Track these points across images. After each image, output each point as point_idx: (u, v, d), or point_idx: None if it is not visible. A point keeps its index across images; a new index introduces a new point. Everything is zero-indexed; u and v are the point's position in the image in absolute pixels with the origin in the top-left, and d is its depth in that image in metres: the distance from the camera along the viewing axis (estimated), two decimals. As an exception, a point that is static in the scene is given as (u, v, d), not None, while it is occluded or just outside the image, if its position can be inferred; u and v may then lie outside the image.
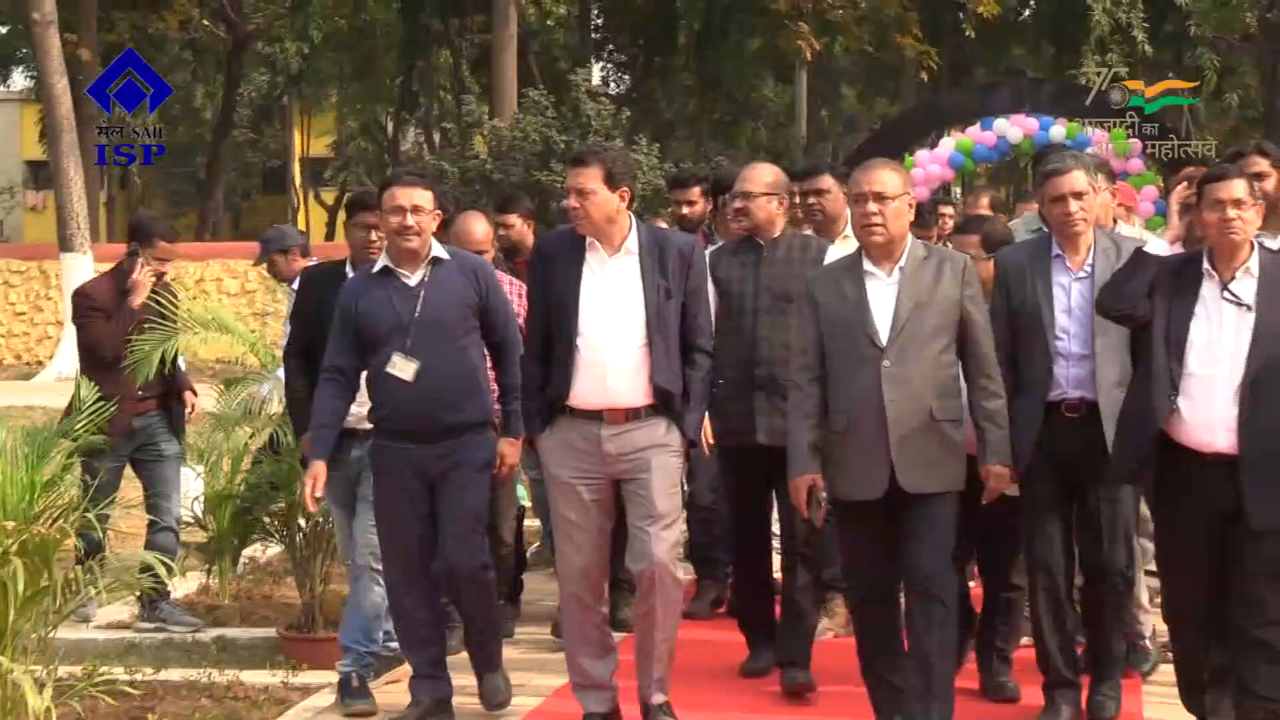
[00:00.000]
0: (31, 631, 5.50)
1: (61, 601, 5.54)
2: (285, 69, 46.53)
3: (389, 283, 6.81)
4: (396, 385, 6.70)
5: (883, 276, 6.37)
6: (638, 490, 6.49)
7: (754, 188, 7.47)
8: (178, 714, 7.31)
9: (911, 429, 6.26)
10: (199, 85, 47.18)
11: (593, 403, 6.46)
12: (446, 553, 6.80)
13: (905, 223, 6.40)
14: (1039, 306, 6.65)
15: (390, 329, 6.73)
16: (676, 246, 6.61)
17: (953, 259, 6.51)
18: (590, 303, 6.47)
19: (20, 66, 47.99)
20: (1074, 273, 6.70)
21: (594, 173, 6.45)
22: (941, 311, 6.33)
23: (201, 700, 7.48)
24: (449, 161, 27.97)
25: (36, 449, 6.15)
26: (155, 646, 8.44)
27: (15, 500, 5.86)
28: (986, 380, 6.41)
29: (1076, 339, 6.64)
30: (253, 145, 52.55)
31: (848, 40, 34.30)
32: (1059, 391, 6.63)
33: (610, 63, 46.65)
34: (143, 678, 7.56)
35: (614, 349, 6.44)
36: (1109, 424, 6.48)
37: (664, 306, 6.48)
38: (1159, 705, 7.05)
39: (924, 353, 6.30)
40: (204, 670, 7.77)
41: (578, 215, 6.50)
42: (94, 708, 6.94)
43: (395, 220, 6.73)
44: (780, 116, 45.49)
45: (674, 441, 6.54)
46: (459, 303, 6.83)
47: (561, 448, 6.53)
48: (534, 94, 28.00)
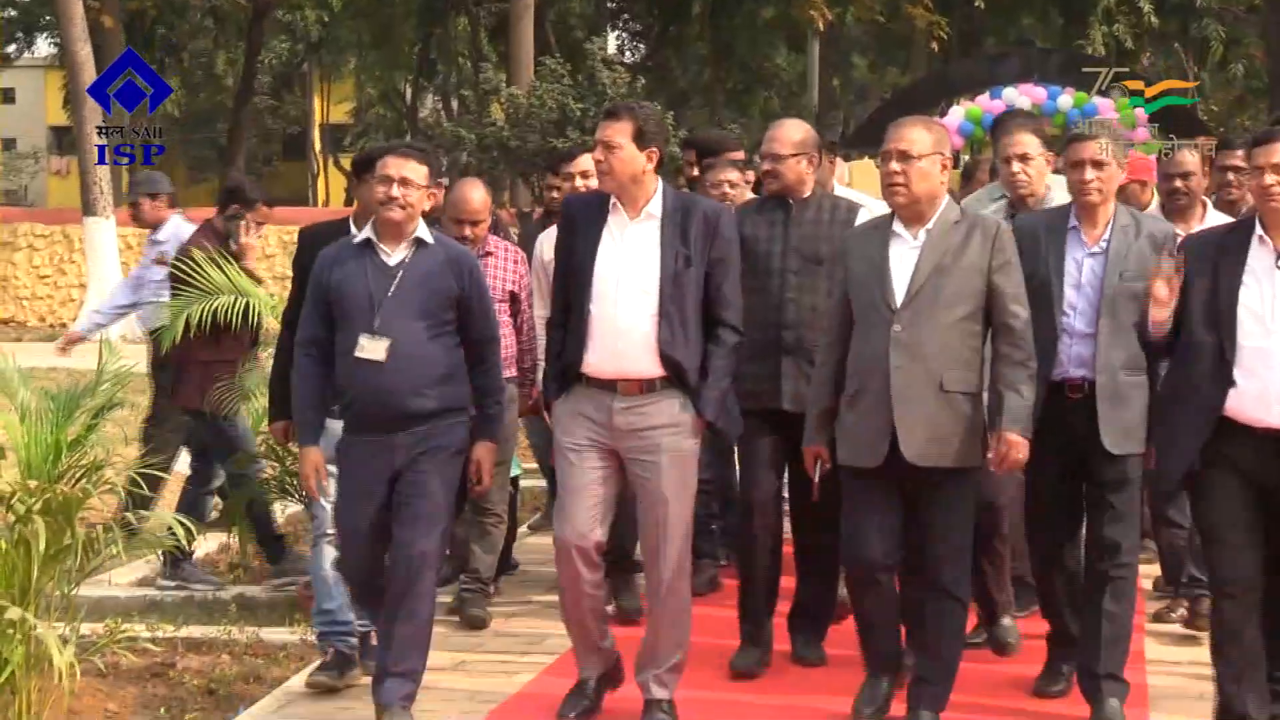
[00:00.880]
0: (55, 589, 5.49)
1: (84, 560, 5.53)
2: (305, 36, 46.53)
3: (367, 257, 6.27)
4: (364, 370, 6.13)
5: (908, 238, 6.04)
6: (646, 476, 6.14)
7: (783, 149, 6.98)
8: (198, 670, 7.32)
9: (918, 398, 5.91)
10: (220, 52, 47.22)
11: (606, 371, 6.10)
12: (399, 541, 6.19)
13: (934, 183, 6.02)
14: (1049, 278, 6.28)
15: (359, 306, 6.18)
16: (703, 212, 6.19)
17: (985, 225, 6.10)
18: (605, 267, 6.12)
19: (44, 34, 47.94)
20: (1088, 247, 6.31)
21: (624, 127, 6.10)
22: (964, 278, 5.96)
23: (222, 657, 7.49)
24: (466, 128, 27.95)
25: (60, 409, 6.13)
26: (176, 604, 8.45)
27: (39, 460, 5.85)
28: (1011, 348, 5.99)
29: (1083, 316, 6.27)
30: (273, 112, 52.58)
31: (859, 10, 34.17)
32: (1060, 370, 6.26)
33: (625, 32, 46.61)
34: (164, 635, 7.56)
35: (626, 316, 6.08)
36: (1103, 405, 6.16)
37: (681, 275, 6.08)
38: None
39: (939, 319, 5.93)
40: (224, 628, 7.78)
41: (601, 169, 6.17)
42: (116, 664, 6.95)
43: (382, 190, 6.21)
44: (793, 85, 45.39)
45: (687, 422, 6.12)
46: (437, 290, 6.26)
47: (572, 416, 6.19)
48: (550, 62, 27.95)
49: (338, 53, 49.57)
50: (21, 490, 5.38)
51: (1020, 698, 6.56)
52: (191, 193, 49.60)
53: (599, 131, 6.18)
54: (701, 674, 6.67)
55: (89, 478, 5.70)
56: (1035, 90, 20.66)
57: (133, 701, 6.94)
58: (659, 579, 6.19)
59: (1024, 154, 7.06)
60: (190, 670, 7.30)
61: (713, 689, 6.69)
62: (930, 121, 6.28)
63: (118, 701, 6.91)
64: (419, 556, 6.15)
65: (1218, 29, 34.27)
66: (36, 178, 51.75)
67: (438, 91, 50.70)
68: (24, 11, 45.35)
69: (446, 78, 47.09)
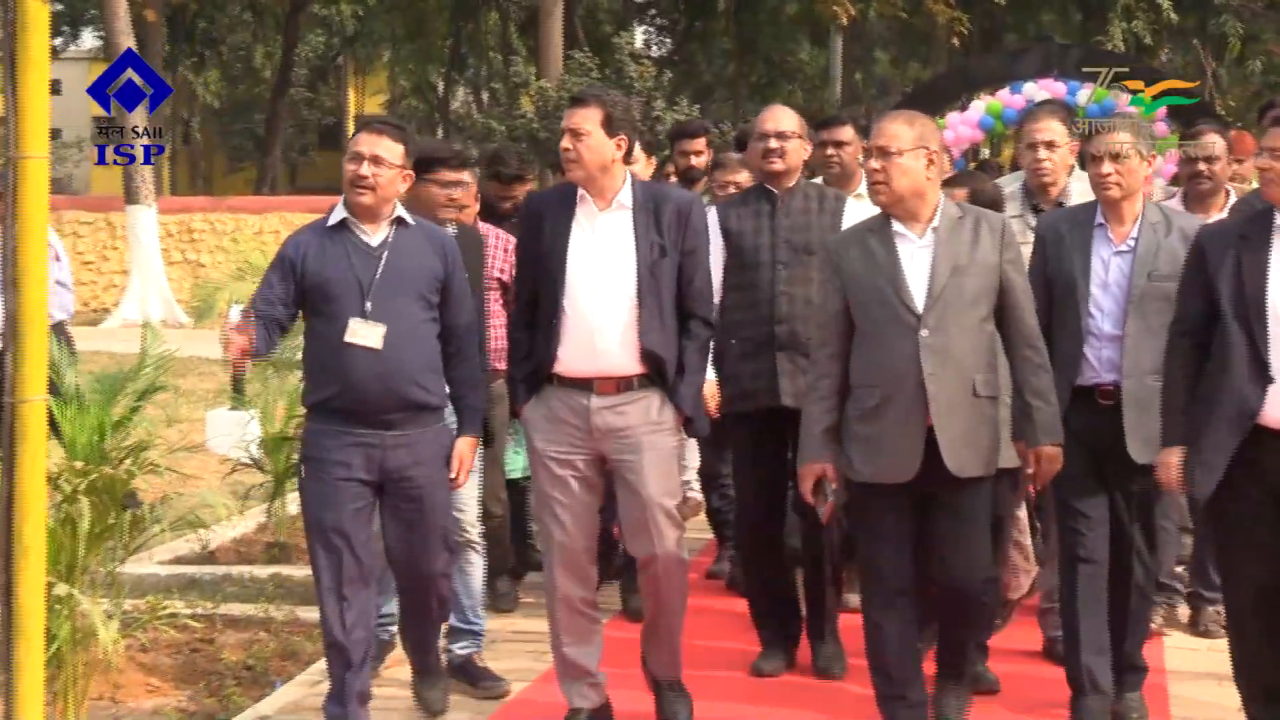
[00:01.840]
0: (99, 566, 5.52)
1: (128, 538, 5.56)
2: (341, 30, 46.54)
3: (345, 239, 5.72)
4: (356, 356, 5.59)
5: (914, 238, 5.56)
6: (629, 475, 5.72)
7: (788, 128, 6.59)
8: (236, 646, 7.36)
9: (954, 404, 5.46)
10: (258, 46, 47.22)
11: (581, 369, 5.67)
12: (411, 563, 5.86)
13: (917, 179, 5.52)
14: (1075, 278, 5.90)
15: (345, 291, 5.64)
16: (674, 202, 5.79)
17: (989, 219, 5.65)
18: (578, 260, 5.69)
19: (89, 27, 48.05)
20: (1115, 245, 5.92)
21: (592, 114, 5.70)
22: (980, 276, 5.52)
23: (259, 633, 7.53)
24: (497, 120, 27.97)
25: (105, 392, 6.16)
26: (215, 582, 8.48)
27: (84, 441, 5.88)
28: (1031, 351, 5.59)
29: (1110, 317, 5.87)
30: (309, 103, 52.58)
31: (882, 6, 34.03)
32: (1091, 375, 5.87)
33: (652, 26, 46.50)
34: (203, 612, 7.60)
35: (603, 310, 5.65)
36: (1129, 411, 5.79)
37: (657, 265, 5.68)
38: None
39: (964, 321, 5.49)
40: (261, 606, 7.81)
41: (569, 157, 5.73)
42: (157, 639, 6.98)
43: (351, 168, 5.67)
44: (816, 79, 45.22)
45: (668, 419, 5.74)
46: (424, 273, 5.78)
47: (546, 420, 5.75)
48: (579, 56, 27.99)
49: (372, 46, 49.57)
50: (68, 471, 5.41)
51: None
52: (230, 181, 49.76)
53: (566, 119, 5.79)
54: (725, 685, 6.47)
55: (133, 458, 5.73)
56: (1055, 85, 20.56)
57: (173, 675, 6.98)
58: (649, 580, 5.84)
59: (1049, 141, 6.75)
60: (228, 646, 7.34)
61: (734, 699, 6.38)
62: (915, 116, 5.73)
63: (159, 675, 6.95)
64: (429, 577, 5.90)
65: (1235, 25, 34.03)
66: (81, 166, 51.84)
67: (469, 84, 50.67)
68: (70, 5, 45.44)
69: (478, 71, 47.04)
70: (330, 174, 49.85)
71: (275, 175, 43.24)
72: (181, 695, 6.79)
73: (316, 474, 5.66)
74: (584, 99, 5.80)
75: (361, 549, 5.68)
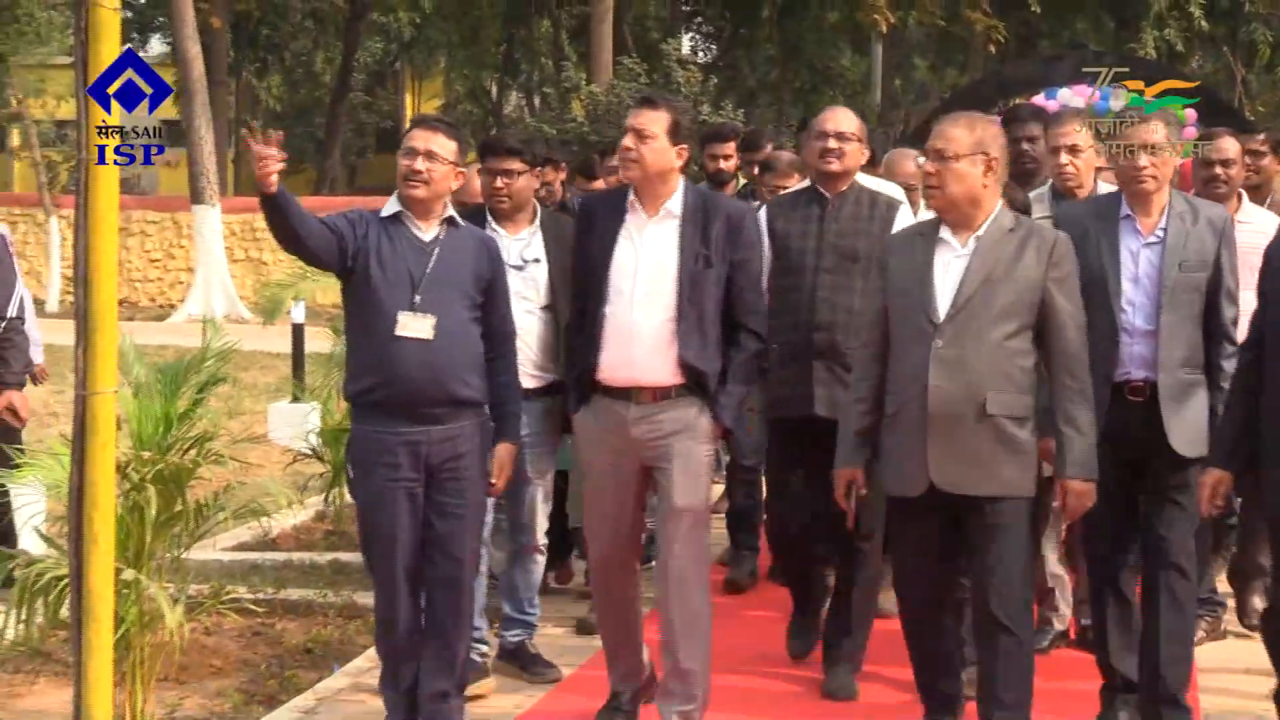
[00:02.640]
0: (165, 553, 5.54)
1: (193, 526, 5.58)
2: (398, 37, 46.63)
3: (399, 231, 5.57)
4: (404, 350, 5.40)
5: (956, 246, 5.22)
6: (661, 481, 5.56)
7: (849, 129, 6.28)
8: (296, 629, 7.39)
9: (955, 420, 5.09)
10: (319, 52, 47.32)
11: (621, 378, 5.50)
12: (449, 552, 5.59)
13: (973, 185, 5.17)
14: (1104, 273, 5.58)
15: (396, 281, 5.47)
16: (725, 212, 5.56)
17: (1042, 234, 5.25)
18: (621, 269, 5.50)
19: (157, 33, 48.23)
20: (1144, 237, 5.62)
21: (660, 117, 5.46)
22: (1017, 291, 5.13)
23: (318, 617, 7.55)
24: (548, 124, 27.92)
25: (169, 384, 6.17)
26: (276, 568, 8.52)
27: (150, 432, 5.89)
28: (1069, 378, 5.18)
29: (1141, 311, 5.58)
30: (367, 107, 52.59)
31: (921, 14, 33.85)
32: (1122, 371, 5.58)
33: (698, 33, 46.37)
34: (264, 597, 7.63)
35: (641, 320, 5.45)
36: (1167, 406, 5.52)
37: (700, 276, 5.44)
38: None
39: (986, 335, 5.10)
40: (320, 590, 7.83)
41: (629, 158, 5.48)
42: (220, 623, 7.01)
43: (405, 163, 5.55)
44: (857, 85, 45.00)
45: (703, 427, 5.52)
46: (473, 272, 5.59)
47: (592, 429, 5.63)
48: (628, 62, 27.91)
49: (428, 52, 49.59)
50: (136, 460, 5.42)
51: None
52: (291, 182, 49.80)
53: (632, 118, 5.51)
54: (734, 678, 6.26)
55: (197, 449, 5.74)
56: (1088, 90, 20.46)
57: (236, 658, 7.00)
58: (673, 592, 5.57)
59: (1074, 145, 6.61)
60: (289, 630, 7.37)
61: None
62: (976, 119, 5.39)
63: (222, 658, 6.98)
64: (463, 570, 5.66)
65: (1265, 33, 33.79)
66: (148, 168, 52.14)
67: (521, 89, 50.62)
68: (139, 13, 45.64)
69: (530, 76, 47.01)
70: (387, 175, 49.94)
71: (335, 176, 43.35)
72: (243, 676, 6.81)
73: (365, 477, 5.54)
74: (654, 101, 5.58)
75: (412, 547, 5.55)
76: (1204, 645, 6.77)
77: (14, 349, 7.70)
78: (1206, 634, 6.93)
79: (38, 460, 6.03)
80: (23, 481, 6.43)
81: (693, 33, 45.58)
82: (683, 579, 5.56)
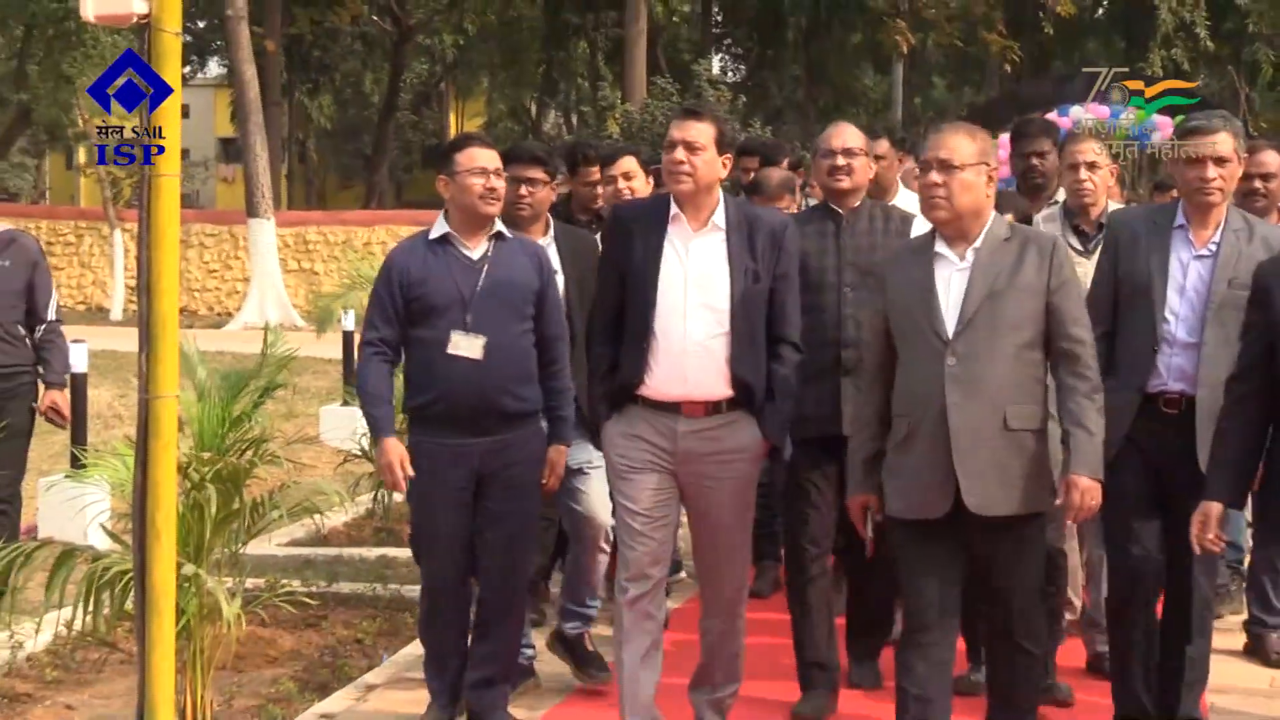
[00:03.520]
0: (224, 548, 5.54)
1: (250, 523, 5.58)
2: (443, 58, 46.69)
3: (448, 252, 5.49)
4: (457, 367, 5.38)
5: (954, 260, 4.82)
6: (708, 502, 5.24)
7: (855, 145, 5.95)
8: (346, 622, 7.38)
9: (980, 438, 4.71)
10: (368, 73, 47.44)
11: (669, 393, 5.15)
12: (499, 562, 5.55)
13: (978, 196, 4.81)
14: (1150, 280, 5.21)
15: (448, 303, 5.41)
16: (769, 226, 5.26)
17: (1039, 241, 4.89)
18: (670, 283, 5.14)
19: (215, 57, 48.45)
20: (1196, 249, 5.21)
21: (708, 129, 5.15)
22: (1021, 301, 4.76)
23: (367, 610, 7.55)
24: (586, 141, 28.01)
25: (228, 389, 6.18)
26: (327, 563, 8.52)
27: (210, 434, 5.90)
28: (1076, 379, 4.81)
29: (1185, 324, 5.17)
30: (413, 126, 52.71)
31: (939, 36, 33.85)
32: (1158, 382, 5.19)
33: (728, 55, 46.40)
34: (317, 590, 7.63)
35: (694, 335, 5.12)
36: (1203, 423, 5.09)
37: (750, 290, 5.16)
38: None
39: (998, 349, 4.73)
40: (369, 585, 7.83)
41: (681, 171, 5.14)
42: (275, 615, 7.01)
43: (479, 183, 5.44)
44: (878, 104, 44.99)
45: (754, 446, 5.21)
46: (522, 285, 5.51)
47: (627, 438, 5.22)
48: (661, 82, 28.01)
49: (471, 73, 49.66)
50: (196, 461, 5.42)
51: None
52: (341, 197, 49.99)
53: (680, 131, 5.15)
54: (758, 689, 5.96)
55: (254, 450, 5.74)
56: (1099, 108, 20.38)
57: (290, 648, 7.01)
58: (718, 602, 5.35)
59: (1091, 162, 6.26)
60: (339, 622, 7.37)
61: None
62: (975, 130, 4.99)
63: (277, 648, 6.98)
64: (516, 577, 5.61)
65: (1268, 53, 33.63)
66: (206, 183, 52.25)
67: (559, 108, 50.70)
68: (198, 37, 45.84)
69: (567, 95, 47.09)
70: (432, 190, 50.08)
71: (382, 191, 43.47)
72: (297, 665, 6.82)
73: (420, 485, 5.48)
74: (699, 113, 5.24)
75: (461, 554, 5.55)
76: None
77: (55, 350, 7.58)
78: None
79: (103, 461, 6.04)
80: (90, 481, 6.45)
81: (722, 54, 45.61)
82: (733, 601, 5.35)
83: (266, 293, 26.12)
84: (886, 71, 40.14)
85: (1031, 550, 4.87)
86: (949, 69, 46.17)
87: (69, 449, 8.74)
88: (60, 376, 7.61)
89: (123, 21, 4.45)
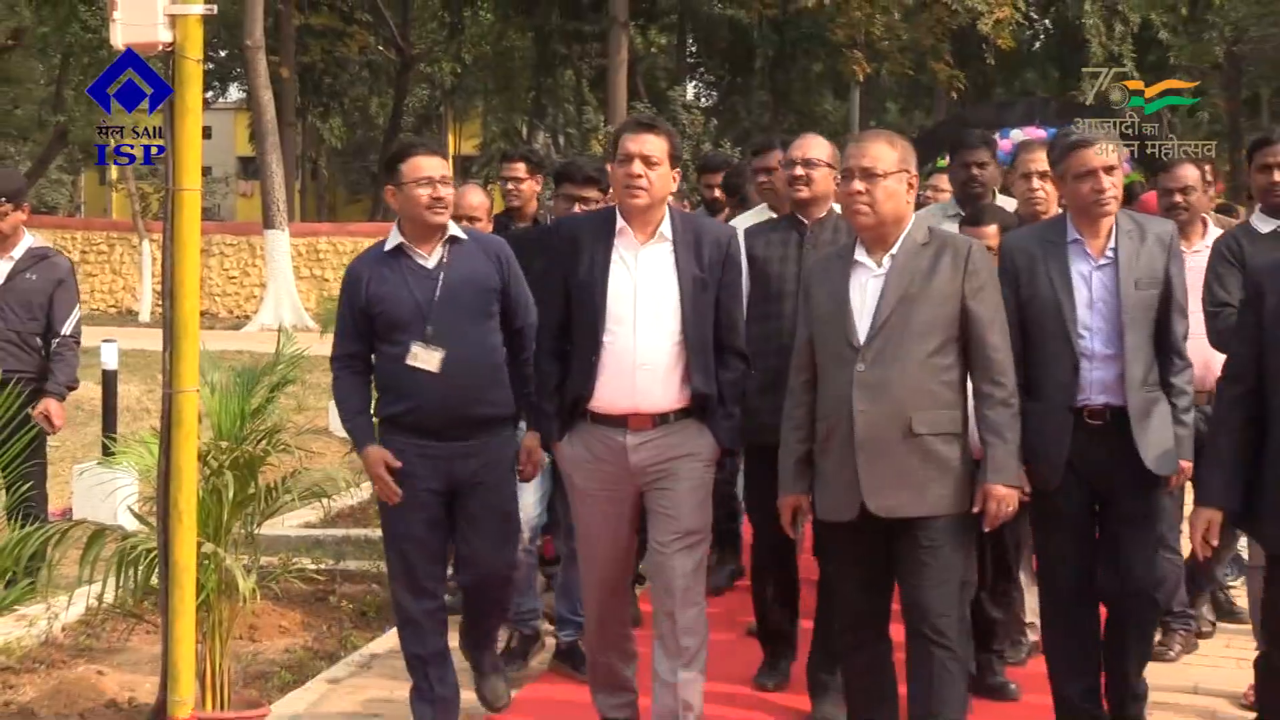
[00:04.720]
0: (241, 529, 5.53)
1: (265, 506, 5.57)
2: (442, 85, 46.58)
3: (403, 264, 5.04)
4: (420, 378, 4.96)
5: (871, 266, 4.53)
6: (662, 504, 4.80)
7: (817, 155, 5.54)
8: (353, 596, 7.38)
9: (883, 444, 4.40)
10: (373, 98, 47.36)
11: (618, 407, 4.74)
12: (479, 561, 5.17)
13: (900, 203, 4.50)
14: (1057, 300, 4.80)
15: (407, 315, 4.98)
16: (714, 235, 4.85)
17: (955, 245, 4.54)
18: (619, 295, 4.72)
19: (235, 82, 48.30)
20: (1095, 260, 4.83)
21: (662, 143, 4.74)
22: (934, 306, 4.44)
23: (373, 586, 7.54)
24: (571, 160, 28.00)
25: (245, 384, 6.17)
26: (335, 542, 8.51)
27: (228, 425, 5.89)
28: (992, 386, 4.47)
29: (1100, 336, 4.79)
30: (415, 146, 52.62)
31: (893, 65, 33.79)
32: (1082, 397, 4.80)
33: (701, 82, 46.37)
34: (325, 567, 7.63)
35: (645, 347, 4.70)
36: (1137, 427, 4.75)
37: (700, 300, 4.74)
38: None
39: (909, 355, 4.41)
40: (374, 562, 7.82)
41: (638, 186, 4.70)
42: (288, 590, 7.01)
43: (425, 193, 4.97)
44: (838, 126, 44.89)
45: (705, 449, 4.81)
46: (481, 286, 5.06)
47: (583, 457, 4.84)
48: (640, 106, 27.99)
49: (468, 98, 49.56)
50: (215, 449, 5.41)
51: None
52: (350, 210, 49.88)
53: (634, 144, 4.72)
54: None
55: (268, 439, 5.73)
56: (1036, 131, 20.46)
57: (300, 620, 7.01)
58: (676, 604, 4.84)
59: (1044, 171, 5.74)
60: (346, 596, 7.36)
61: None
62: (894, 136, 4.68)
63: (289, 620, 6.98)
64: (495, 576, 5.25)
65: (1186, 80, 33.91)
66: (227, 198, 52.13)
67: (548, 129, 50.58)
68: (218, 64, 45.68)
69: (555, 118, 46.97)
70: (432, 204, 49.95)
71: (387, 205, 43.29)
72: (308, 636, 6.82)
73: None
74: (654, 126, 4.83)
75: (432, 555, 5.16)
76: (1180, 660, 6.26)
77: (63, 362, 7.31)
78: (1183, 648, 6.32)
79: (131, 449, 6.03)
80: (119, 467, 6.45)
81: (696, 81, 45.58)
82: (686, 596, 4.83)
83: (281, 297, 26.03)
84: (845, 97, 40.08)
85: (942, 552, 4.46)
86: (901, 95, 46.21)
87: (100, 438, 8.72)
88: (60, 387, 7.29)
89: (150, 50, 4.44)
